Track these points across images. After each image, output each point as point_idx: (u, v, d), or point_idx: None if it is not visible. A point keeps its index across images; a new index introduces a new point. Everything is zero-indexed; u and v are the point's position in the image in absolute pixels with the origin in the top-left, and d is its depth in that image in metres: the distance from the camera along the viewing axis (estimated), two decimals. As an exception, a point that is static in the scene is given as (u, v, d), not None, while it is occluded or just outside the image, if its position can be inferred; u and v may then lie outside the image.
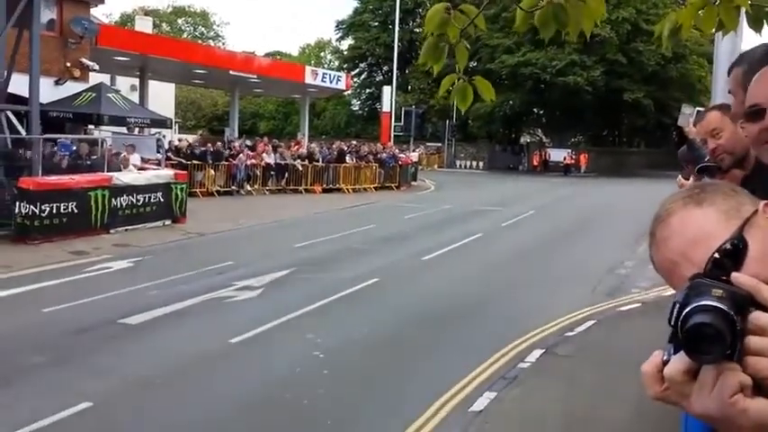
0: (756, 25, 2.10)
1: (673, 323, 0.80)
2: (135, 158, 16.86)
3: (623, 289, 10.70)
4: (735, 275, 0.82)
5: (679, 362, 0.81)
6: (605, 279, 11.42)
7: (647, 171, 43.53)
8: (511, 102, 45.92)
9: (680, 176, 5.03)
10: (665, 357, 0.84)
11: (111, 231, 13.79)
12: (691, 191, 0.95)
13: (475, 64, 47.68)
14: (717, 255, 0.85)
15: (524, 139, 55.35)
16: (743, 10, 2.37)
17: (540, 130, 55.79)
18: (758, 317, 0.78)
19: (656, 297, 10.07)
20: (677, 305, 0.80)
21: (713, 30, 2.39)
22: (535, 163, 45.84)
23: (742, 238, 0.86)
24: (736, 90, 2.02)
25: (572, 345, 7.83)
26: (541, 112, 51.88)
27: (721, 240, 0.86)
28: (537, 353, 7.42)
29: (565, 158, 44.29)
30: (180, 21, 69.85)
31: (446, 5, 2.57)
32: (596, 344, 7.92)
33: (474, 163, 47.62)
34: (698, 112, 4.91)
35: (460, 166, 47.33)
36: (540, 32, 2.58)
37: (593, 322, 8.69)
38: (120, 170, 15.41)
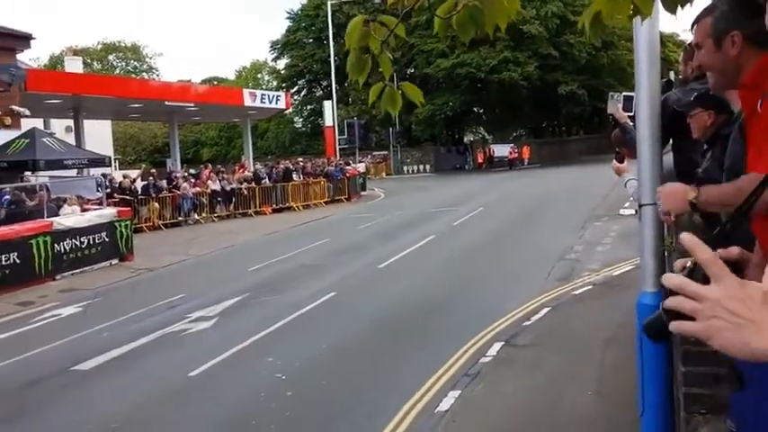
0: (671, 7, 2.17)
1: None
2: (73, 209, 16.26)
3: (575, 273, 10.90)
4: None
5: None
6: (557, 266, 11.61)
7: (588, 157, 44.56)
8: (450, 103, 46.49)
9: (614, 160, 5.16)
10: None
11: (57, 278, 13.41)
12: None
13: (412, 70, 48.18)
14: None
15: (468, 138, 55.98)
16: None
17: (481, 128, 56.55)
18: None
19: (605, 278, 10.32)
20: None
21: (629, 15, 2.45)
22: (480, 160, 46.42)
23: None
24: (704, 40, 2.02)
25: (530, 333, 7.94)
26: (481, 110, 52.64)
27: None
28: (497, 346, 7.50)
29: (509, 153, 45.00)
30: (111, 57, 68.53)
31: (365, 18, 2.59)
32: (553, 330, 8.04)
33: (421, 167, 47.95)
34: (625, 97, 5.05)
35: (408, 171, 47.60)
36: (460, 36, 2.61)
37: (548, 309, 8.84)
38: (58, 215, 15.00)
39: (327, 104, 41.59)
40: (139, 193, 21.62)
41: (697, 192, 2.16)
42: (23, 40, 20.84)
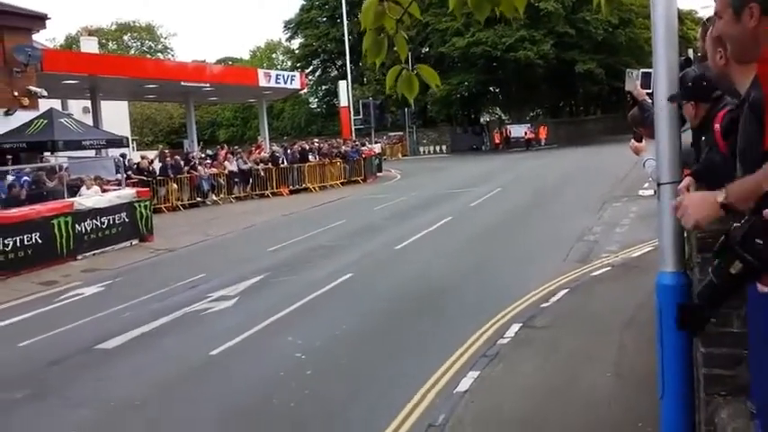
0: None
1: None
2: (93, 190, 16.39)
3: (593, 255, 10.86)
4: None
5: None
6: (576, 247, 11.57)
7: (606, 137, 44.16)
8: (466, 83, 46.18)
9: (632, 140, 5.13)
10: None
11: (79, 257, 13.60)
12: None
13: (427, 49, 47.84)
14: None
15: (484, 118, 55.69)
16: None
17: (498, 108, 56.22)
18: None
19: (624, 259, 10.28)
20: None
21: None
22: (497, 141, 46.19)
23: None
24: (724, 10, 2.01)
25: (549, 315, 7.95)
26: (497, 90, 52.27)
27: None
28: (515, 327, 7.52)
29: (525, 133, 44.75)
30: (126, 37, 68.65)
31: None
32: (572, 311, 8.05)
33: (437, 147, 47.80)
34: (643, 74, 4.99)
35: (424, 152, 47.48)
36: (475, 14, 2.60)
37: (566, 290, 8.84)
38: (78, 194, 15.16)
39: (342, 84, 41.47)
40: (158, 173, 21.78)
41: (725, 192, 2.02)
42: (39, 20, 20.94)
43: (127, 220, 15.10)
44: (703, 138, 3.50)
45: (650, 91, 4.58)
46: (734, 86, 2.32)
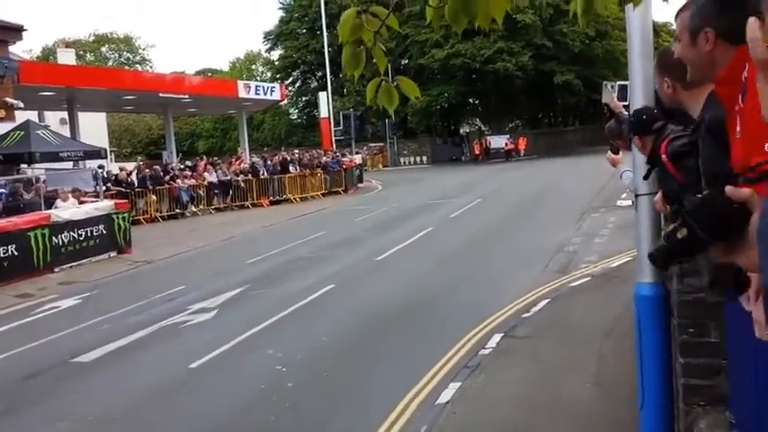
0: (662, -6, 2.18)
1: None
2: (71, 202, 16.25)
3: (573, 265, 10.93)
4: None
5: None
6: (555, 257, 11.64)
7: (584, 148, 44.59)
8: (446, 94, 46.46)
9: (609, 151, 5.18)
10: None
11: (56, 270, 13.42)
12: None
13: (406, 61, 48.08)
14: None
15: (464, 129, 56.02)
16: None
17: (477, 120, 56.60)
18: None
19: (603, 270, 10.37)
20: None
21: (620, 2, 2.46)
22: (477, 152, 46.44)
23: None
24: (682, 33, 2.05)
25: (530, 325, 7.98)
26: (477, 101, 52.65)
27: None
28: (497, 338, 7.54)
29: (505, 144, 45.04)
30: (104, 49, 68.20)
31: (357, 10, 2.59)
32: (552, 321, 8.09)
33: (418, 158, 47.97)
34: (620, 86, 5.06)
35: (405, 162, 47.62)
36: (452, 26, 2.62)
37: (547, 301, 8.88)
38: (55, 206, 14.98)
39: (322, 96, 41.51)
40: (136, 185, 21.60)
41: None
42: (15, 31, 20.73)
43: (105, 232, 14.94)
44: (656, 168, 3.55)
45: (627, 103, 4.64)
46: (686, 112, 2.35)
